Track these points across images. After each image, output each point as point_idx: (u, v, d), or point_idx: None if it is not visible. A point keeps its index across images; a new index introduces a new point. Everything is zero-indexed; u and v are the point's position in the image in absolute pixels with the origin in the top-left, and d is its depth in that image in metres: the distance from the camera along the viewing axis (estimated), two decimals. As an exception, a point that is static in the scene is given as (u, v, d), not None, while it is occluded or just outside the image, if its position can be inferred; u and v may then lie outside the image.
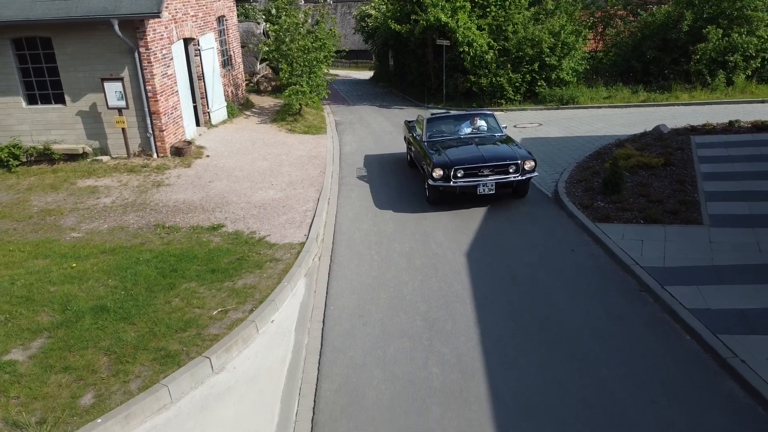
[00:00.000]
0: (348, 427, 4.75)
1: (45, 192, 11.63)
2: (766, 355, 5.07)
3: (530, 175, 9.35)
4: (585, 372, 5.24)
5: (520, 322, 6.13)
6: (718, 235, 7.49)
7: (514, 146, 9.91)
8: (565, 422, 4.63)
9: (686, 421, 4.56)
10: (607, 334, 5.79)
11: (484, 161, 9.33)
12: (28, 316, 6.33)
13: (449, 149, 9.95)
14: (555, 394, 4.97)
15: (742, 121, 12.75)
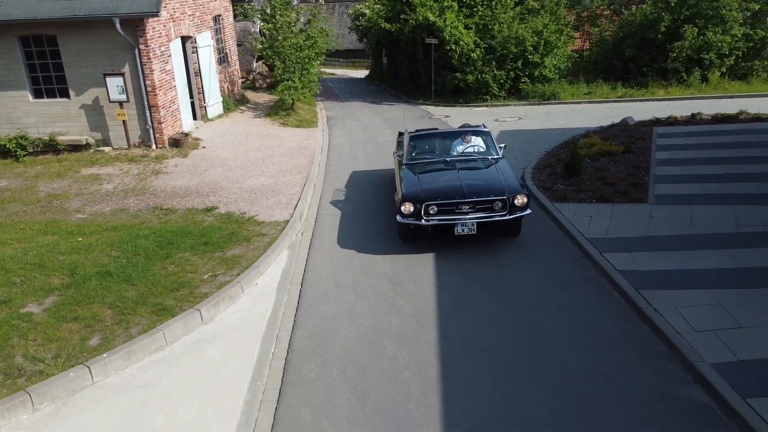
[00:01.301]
0: (316, 362, 5.60)
1: (51, 179, 12.46)
2: (676, 305, 5.91)
3: (521, 213, 7.63)
4: (524, 319, 6.09)
5: (471, 280, 6.99)
6: (658, 212, 8.35)
7: (506, 175, 8.14)
8: (502, 357, 5.47)
9: (604, 356, 5.40)
10: (547, 291, 6.64)
11: (463, 196, 7.65)
12: (41, 279, 7.18)
13: (427, 176, 8.42)
14: (496, 337, 5.82)
15: (704, 114, 13.61)
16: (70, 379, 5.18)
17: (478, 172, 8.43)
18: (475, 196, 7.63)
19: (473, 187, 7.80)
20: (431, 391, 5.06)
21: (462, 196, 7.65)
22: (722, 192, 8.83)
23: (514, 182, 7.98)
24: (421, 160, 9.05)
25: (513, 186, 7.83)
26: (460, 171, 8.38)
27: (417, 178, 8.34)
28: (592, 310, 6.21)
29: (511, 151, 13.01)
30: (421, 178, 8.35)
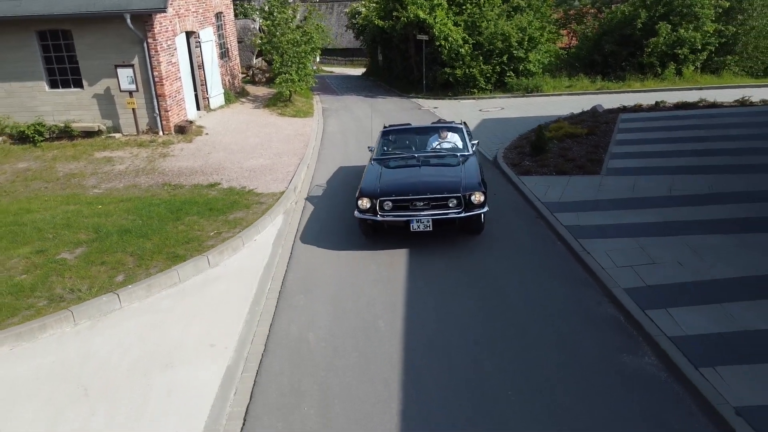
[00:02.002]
0: (304, 295, 6.78)
1: (68, 161, 13.62)
2: (605, 249, 7.09)
3: (478, 211, 7.50)
4: (481, 262, 7.26)
5: (441, 238, 8.17)
6: (607, 181, 9.53)
7: (468, 172, 8.05)
8: (457, 290, 6.65)
9: (540, 286, 6.57)
10: (504, 241, 7.83)
11: (417, 192, 7.59)
12: (70, 235, 8.36)
13: (389, 172, 8.44)
14: (456, 274, 6.99)
15: (668, 102, 14.79)
16: (103, 302, 6.37)
17: (440, 168, 8.33)
18: (428, 193, 7.54)
19: (429, 183, 7.71)
20: (396, 313, 6.22)
21: (416, 192, 7.58)
22: (665, 165, 10.03)
23: (474, 180, 7.78)
24: (389, 156, 9.09)
25: (469, 183, 7.66)
26: (422, 167, 8.33)
27: (379, 174, 8.34)
28: (538, 255, 7.40)
29: (489, 135, 14.20)
30: (384, 173, 8.37)
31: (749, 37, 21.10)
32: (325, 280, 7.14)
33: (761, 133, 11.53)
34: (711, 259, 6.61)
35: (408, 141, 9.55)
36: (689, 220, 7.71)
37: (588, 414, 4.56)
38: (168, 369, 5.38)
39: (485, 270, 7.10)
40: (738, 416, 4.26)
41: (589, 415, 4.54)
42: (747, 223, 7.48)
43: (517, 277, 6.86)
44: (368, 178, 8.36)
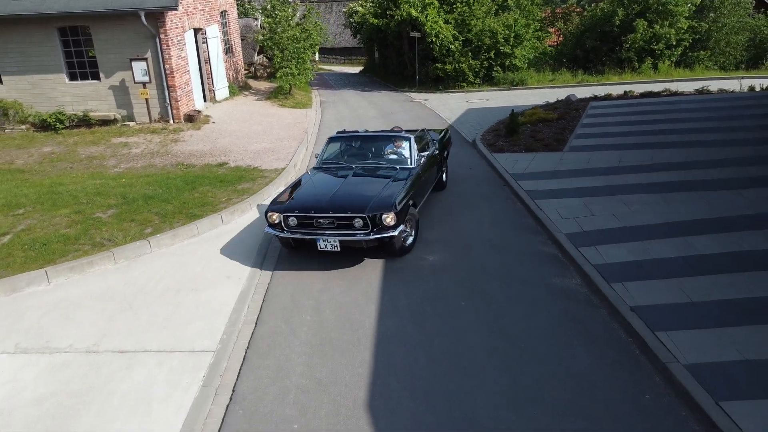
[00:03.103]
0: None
1: (88, 146, 14.97)
2: (555, 207, 8.46)
3: (388, 234, 6.84)
4: (452, 215, 8.62)
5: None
6: (567, 156, 10.92)
7: (391, 190, 7.30)
8: (430, 233, 8.01)
9: (496, 233, 7.92)
10: (472, 202, 9.19)
11: (320, 209, 7.03)
12: (101, 200, 9.72)
13: (312, 184, 7.95)
14: (432, 223, 8.36)
15: (635, 92, 16.16)
16: (137, 247, 7.74)
17: (365, 183, 7.70)
18: (331, 211, 6.97)
19: (336, 201, 7.14)
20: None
21: (319, 210, 7.03)
22: (619, 143, 11.41)
23: (389, 199, 7.04)
24: (328, 165, 8.57)
25: (380, 203, 6.97)
26: (348, 181, 7.77)
27: (301, 186, 7.93)
28: (501, 212, 8.79)
29: (471, 122, 15.57)
30: (305, 185, 7.94)
31: (721, 34, 22.46)
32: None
33: (707, 116, 12.94)
34: (639, 211, 7.98)
35: (354, 149, 8.87)
36: (629, 184, 9.09)
37: (522, 314, 5.92)
38: (193, 292, 6.75)
39: (453, 221, 8.48)
40: (632, 311, 5.62)
41: (523, 315, 5.90)
42: (674, 185, 8.86)
43: (478, 226, 8.24)
44: (284, 190, 8.10)
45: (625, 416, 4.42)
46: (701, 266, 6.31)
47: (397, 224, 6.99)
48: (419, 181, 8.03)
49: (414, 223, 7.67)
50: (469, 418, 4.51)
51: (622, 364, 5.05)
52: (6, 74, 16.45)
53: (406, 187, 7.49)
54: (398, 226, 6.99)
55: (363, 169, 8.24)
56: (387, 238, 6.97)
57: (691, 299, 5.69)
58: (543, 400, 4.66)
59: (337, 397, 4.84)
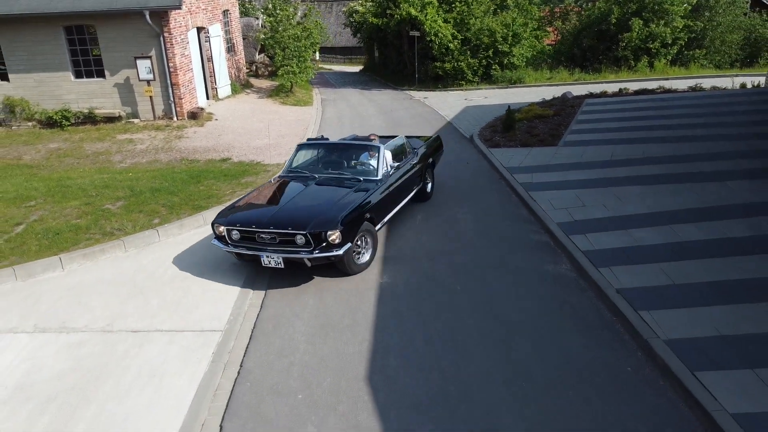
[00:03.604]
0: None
1: (93, 142, 15.29)
2: (549, 198, 8.77)
3: (331, 253, 6.42)
4: (449, 207, 8.94)
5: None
6: (561, 151, 11.22)
7: (342, 204, 6.84)
8: (428, 224, 8.32)
9: (492, 222, 8.24)
10: (468, 195, 9.50)
11: (261, 224, 6.65)
12: (110, 193, 10.04)
13: (267, 196, 7.58)
14: (429, 214, 8.68)
15: (630, 89, 16.47)
16: (146, 236, 8.07)
17: (319, 196, 7.25)
18: (271, 227, 6.58)
19: (280, 215, 6.75)
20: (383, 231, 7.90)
21: (260, 224, 6.65)
22: (612, 138, 11.72)
23: (336, 215, 6.56)
24: (293, 174, 8.13)
25: (324, 220, 6.52)
26: (303, 192, 7.38)
27: (264, 194, 7.65)
28: (496, 204, 9.10)
29: (470, 119, 15.88)
30: (270, 195, 7.60)
31: (716, 33, 22.77)
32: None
33: (698, 112, 13.26)
34: (628, 202, 8.30)
35: (322, 158, 8.40)
36: (620, 177, 9.40)
37: (515, 297, 6.24)
38: (201, 278, 7.06)
39: (449, 212, 8.80)
40: (617, 293, 5.94)
41: (516, 298, 6.22)
42: (662, 177, 9.18)
43: (474, 217, 8.56)
44: (243, 197, 7.79)
45: (608, 387, 4.74)
46: (684, 252, 6.63)
47: (343, 243, 6.49)
48: (385, 195, 7.53)
49: (371, 240, 7.10)
50: (462, 391, 4.83)
51: (607, 341, 5.37)
52: (13, 72, 16.76)
53: (362, 202, 6.96)
54: (344, 245, 6.49)
55: (325, 180, 7.75)
56: (333, 258, 6.48)
57: (674, 282, 6.01)
58: (532, 374, 4.98)
59: (338, 372, 5.16)
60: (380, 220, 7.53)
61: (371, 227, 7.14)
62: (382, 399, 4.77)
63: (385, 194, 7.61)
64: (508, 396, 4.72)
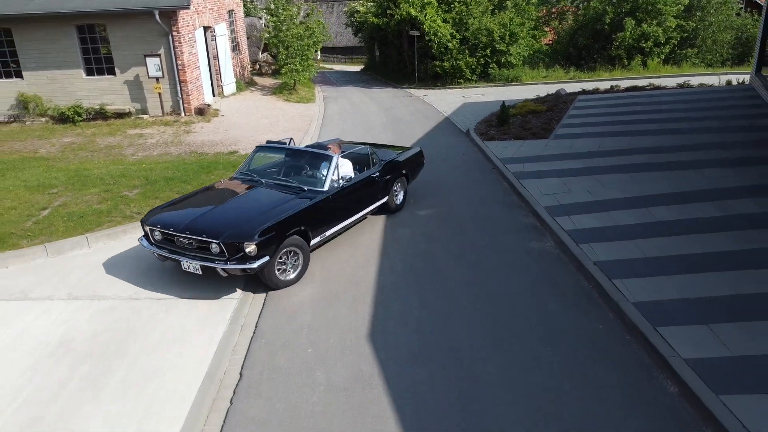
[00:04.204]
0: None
1: (105, 136, 15.93)
2: (537, 186, 9.41)
3: (245, 266, 6.17)
4: (445, 193, 9.58)
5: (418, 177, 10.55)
6: (552, 143, 11.88)
7: (267, 214, 6.54)
8: (427, 208, 8.96)
9: (484, 208, 8.87)
10: (463, 181, 10.16)
11: (178, 228, 6.51)
12: (126, 182, 10.69)
13: (202, 198, 7.45)
14: (428, 198, 9.31)
15: (621, 86, 17.11)
16: (163, 219, 8.69)
17: (252, 203, 7.05)
18: (188, 232, 6.40)
19: (200, 220, 6.54)
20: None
21: (179, 228, 6.49)
22: (601, 131, 12.38)
23: (254, 227, 6.28)
24: (244, 176, 7.95)
25: (241, 230, 6.27)
26: (239, 197, 7.24)
27: (192, 197, 7.60)
28: (489, 191, 9.76)
29: (467, 114, 16.52)
30: (195, 197, 7.58)
31: (707, 32, 23.39)
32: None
33: (683, 107, 13.92)
34: (611, 188, 8.94)
35: (277, 162, 8.25)
36: (605, 166, 10.05)
37: (503, 270, 6.88)
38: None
39: (446, 199, 9.45)
40: (594, 265, 6.58)
41: (503, 271, 6.86)
42: (644, 166, 9.84)
43: (468, 203, 9.21)
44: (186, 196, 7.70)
45: (579, 340, 5.38)
46: (657, 230, 7.27)
47: (259, 256, 6.20)
48: (329, 208, 7.22)
49: (302, 256, 6.82)
50: (451, 346, 5.46)
51: (583, 305, 6.01)
52: (27, 70, 17.40)
53: (293, 214, 6.63)
54: (260, 259, 6.19)
55: (269, 186, 7.49)
56: (247, 270, 6.20)
57: (646, 255, 6.65)
58: (513, 330, 5.62)
59: (343, 332, 5.80)
60: (319, 234, 7.15)
61: (302, 242, 6.75)
62: (383, 354, 5.40)
63: (330, 207, 7.24)
64: (487, 344, 5.36)
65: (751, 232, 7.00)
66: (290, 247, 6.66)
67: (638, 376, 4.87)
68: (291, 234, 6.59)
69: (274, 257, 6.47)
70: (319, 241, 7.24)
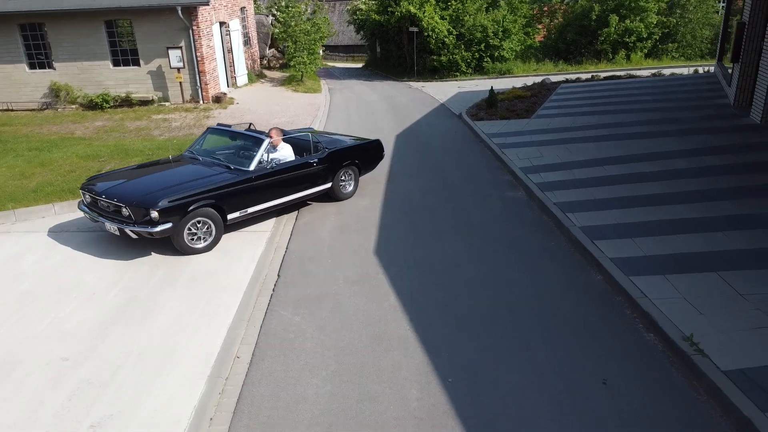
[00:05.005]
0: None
1: (133, 121, 17.63)
2: (516, 153, 11.10)
3: (146, 229, 6.82)
4: (436, 159, 11.27)
5: (415, 144, 12.22)
6: (532, 122, 13.59)
7: (185, 186, 7.21)
8: (420, 176, 10.64)
9: (469, 171, 10.55)
10: (454, 151, 11.85)
11: (100, 192, 7.23)
12: (163, 153, 12.35)
13: (145, 170, 8.17)
14: (418, 165, 11.00)
15: (601, 76, 18.81)
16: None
17: (177, 177, 7.63)
18: (104, 196, 7.13)
19: (120, 187, 7.26)
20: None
21: (97, 192, 7.25)
22: (575, 111, 14.09)
23: (162, 195, 6.92)
24: (189, 154, 8.65)
25: (148, 197, 6.92)
26: (174, 170, 7.93)
27: (135, 167, 8.41)
28: (475, 158, 11.44)
29: (460, 101, 18.22)
30: (136, 168, 8.34)
31: (687, 29, 25.08)
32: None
33: (650, 91, 15.72)
34: (576, 154, 10.64)
35: (221, 144, 8.84)
36: (575, 137, 11.75)
37: (482, 211, 8.57)
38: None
39: (439, 165, 11.14)
40: (555, 205, 8.27)
41: (482, 212, 8.55)
42: (606, 136, 11.57)
43: (455, 164, 10.92)
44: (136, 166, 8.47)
45: (538, 252, 7.07)
46: (606, 181, 8.99)
47: (161, 222, 6.82)
48: (250, 187, 7.70)
49: (214, 227, 7.39)
50: (439, 259, 7.15)
51: (542, 232, 7.70)
52: (58, 61, 19.09)
53: (207, 189, 7.24)
54: (161, 224, 6.83)
55: (204, 164, 8.10)
56: (152, 233, 6.85)
57: (594, 198, 8.36)
58: (485, 243, 7.32)
59: (355, 250, 7.49)
60: (239, 210, 7.65)
61: (215, 215, 7.31)
62: (385, 262, 7.10)
63: (253, 187, 7.72)
64: (467, 254, 7.06)
65: (678, 181, 8.73)
66: (201, 218, 7.23)
67: (576, 270, 6.56)
68: (200, 207, 7.16)
69: (180, 225, 7.06)
70: (238, 216, 7.69)
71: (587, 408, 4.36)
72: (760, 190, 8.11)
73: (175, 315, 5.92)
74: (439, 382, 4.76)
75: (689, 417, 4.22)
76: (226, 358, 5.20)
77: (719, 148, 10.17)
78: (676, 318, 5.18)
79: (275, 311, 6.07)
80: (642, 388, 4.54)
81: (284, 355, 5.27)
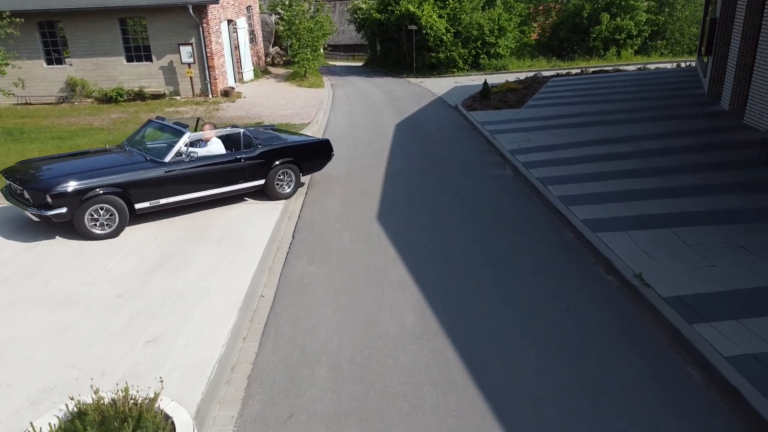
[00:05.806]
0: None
1: (146, 113, 18.61)
2: (505, 138, 12.10)
3: (44, 213, 7.08)
4: (433, 144, 12.27)
5: (414, 130, 13.21)
6: (522, 111, 14.60)
7: (89, 174, 7.44)
8: (417, 158, 11.64)
9: (463, 154, 11.55)
10: (449, 138, 12.84)
11: (14, 177, 7.54)
12: (180, 139, 13.35)
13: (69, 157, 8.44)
14: (415, 151, 12.00)
15: (590, 70, 19.81)
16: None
17: (90, 165, 7.85)
18: (10, 179, 7.51)
19: (28, 173, 7.54)
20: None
21: (13, 177, 7.52)
22: (562, 102, 15.11)
23: (58, 182, 7.18)
24: (129, 144, 8.73)
25: (45, 183, 7.22)
26: (89, 159, 8.17)
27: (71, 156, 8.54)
28: (467, 142, 12.45)
29: (456, 94, 19.23)
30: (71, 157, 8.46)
31: (675, 26, 26.10)
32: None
33: (633, 83, 16.79)
34: (560, 138, 11.65)
35: (153, 135, 8.89)
36: (560, 124, 12.76)
37: (472, 186, 9.57)
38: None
39: (436, 150, 12.15)
40: (537, 180, 9.27)
41: (473, 187, 9.56)
42: (588, 123, 12.61)
43: (450, 148, 11.92)
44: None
45: (521, 219, 8.07)
46: (584, 159, 10.00)
47: (55, 206, 7.08)
48: (160, 179, 7.84)
49: (118, 215, 7.55)
50: (433, 224, 8.15)
51: (526, 202, 8.71)
52: (75, 57, 20.09)
53: (110, 177, 7.47)
54: (55, 209, 7.08)
55: (128, 154, 8.28)
56: (48, 217, 7.14)
57: (573, 173, 9.36)
58: (474, 212, 8.32)
59: (359, 216, 8.48)
60: (149, 200, 7.81)
61: (119, 203, 7.49)
62: (386, 226, 8.10)
63: (165, 177, 7.88)
64: (458, 220, 8.07)
65: (648, 159, 9.75)
66: (102, 204, 7.41)
67: (551, 231, 7.57)
68: (100, 195, 7.37)
69: (79, 211, 7.28)
70: (149, 206, 7.84)
71: (552, 326, 5.36)
72: (718, 165, 9.12)
73: (206, 265, 6.91)
74: (432, 311, 5.76)
75: (632, 330, 5.22)
76: (253, 296, 6.20)
77: (689, 131, 11.19)
78: (631, 262, 6.18)
79: (292, 263, 7.07)
80: (597, 313, 5.55)
81: (301, 294, 6.27)
